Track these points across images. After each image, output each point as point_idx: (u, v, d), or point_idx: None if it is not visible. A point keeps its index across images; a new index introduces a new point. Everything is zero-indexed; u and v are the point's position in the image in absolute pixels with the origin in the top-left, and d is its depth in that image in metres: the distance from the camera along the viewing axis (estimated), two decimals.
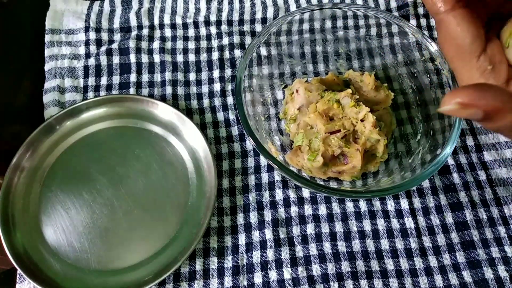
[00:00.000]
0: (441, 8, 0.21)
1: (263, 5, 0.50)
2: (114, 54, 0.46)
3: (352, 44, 0.44)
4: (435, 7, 0.21)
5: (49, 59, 0.46)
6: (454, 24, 0.21)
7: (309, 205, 0.39)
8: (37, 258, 0.36)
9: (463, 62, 0.21)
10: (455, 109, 0.18)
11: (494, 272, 0.37)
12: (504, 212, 0.39)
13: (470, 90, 0.18)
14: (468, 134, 0.43)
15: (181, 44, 0.48)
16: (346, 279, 0.36)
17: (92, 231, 0.37)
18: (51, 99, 0.44)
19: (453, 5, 0.21)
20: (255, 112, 0.39)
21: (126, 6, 0.50)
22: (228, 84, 0.45)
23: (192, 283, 0.36)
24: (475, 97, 0.18)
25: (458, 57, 0.22)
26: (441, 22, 0.22)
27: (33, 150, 0.40)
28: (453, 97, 0.18)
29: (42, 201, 0.39)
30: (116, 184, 0.40)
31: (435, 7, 0.21)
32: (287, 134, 0.42)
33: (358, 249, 0.37)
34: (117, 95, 0.44)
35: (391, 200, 0.40)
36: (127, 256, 0.37)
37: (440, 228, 0.38)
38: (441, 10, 0.21)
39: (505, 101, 0.17)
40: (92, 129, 0.42)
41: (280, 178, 0.40)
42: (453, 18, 0.21)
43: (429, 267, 0.37)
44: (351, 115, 0.38)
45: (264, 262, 0.37)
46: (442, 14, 0.21)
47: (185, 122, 0.42)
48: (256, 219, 0.39)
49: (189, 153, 0.41)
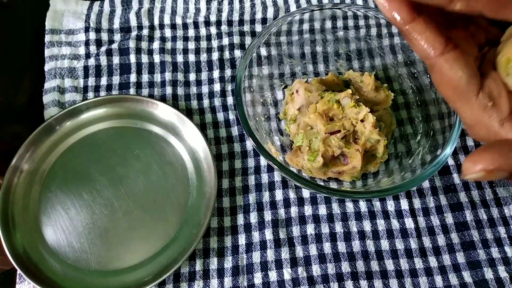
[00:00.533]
0: (431, 53, 0.21)
1: (263, 5, 0.50)
2: (114, 55, 0.46)
3: (352, 45, 0.44)
4: (425, 52, 0.21)
5: (49, 59, 0.46)
6: (447, 68, 0.20)
7: (309, 205, 0.39)
8: (37, 259, 0.36)
9: (463, 103, 0.21)
10: (480, 176, 0.18)
11: (494, 272, 0.37)
12: (504, 213, 0.39)
13: (491, 154, 0.18)
14: (468, 135, 0.43)
15: (181, 45, 0.48)
16: (346, 280, 0.36)
17: (92, 232, 0.37)
18: (51, 99, 0.44)
19: (443, 50, 0.20)
20: (255, 113, 0.39)
21: (126, 7, 0.50)
22: (228, 85, 0.45)
23: (192, 283, 0.36)
24: (498, 162, 0.17)
25: (457, 98, 0.21)
26: (433, 66, 0.21)
27: (33, 151, 0.40)
28: (475, 163, 0.18)
29: (42, 202, 0.39)
30: (116, 184, 0.40)
31: (425, 53, 0.21)
32: (287, 135, 0.42)
33: (358, 250, 0.37)
34: (117, 95, 0.44)
35: (391, 200, 0.39)
36: (127, 257, 0.37)
37: (440, 229, 0.38)
38: (431, 55, 0.21)
39: None
40: (92, 129, 0.42)
41: (280, 178, 0.40)
42: (445, 62, 0.20)
43: (429, 268, 0.37)
44: (351, 115, 0.38)
45: (264, 262, 0.37)
46: (433, 59, 0.21)
47: (185, 122, 0.42)
48: (256, 220, 0.39)
49: (189, 154, 0.41)
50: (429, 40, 0.20)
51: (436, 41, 0.20)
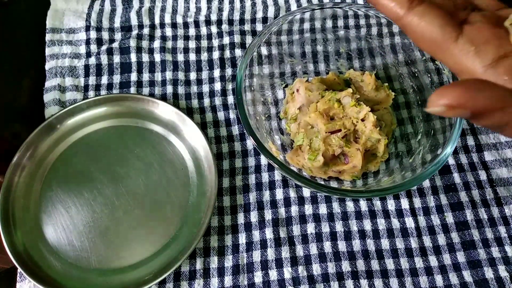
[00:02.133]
0: (399, 12, 0.21)
1: (264, 4, 0.50)
2: (114, 53, 0.46)
3: (353, 44, 0.44)
4: (393, 13, 0.21)
5: (49, 58, 0.46)
6: (417, 22, 0.21)
7: (309, 204, 0.39)
8: (37, 257, 0.36)
9: (443, 52, 0.21)
10: (441, 111, 0.18)
11: (494, 272, 0.37)
12: (504, 212, 0.39)
13: (457, 90, 0.17)
14: (468, 134, 0.43)
15: (182, 44, 0.48)
16: (346, 279, 0.36)
17: (93, 230, 0.38)
18: (51, 98, 0.44)
19: (408, 5, 0.21)
20: (256, 112, 0.39)
21: (127, 5, 0.50)
22: (228, 84, 0.45)
23: (193, 282, 0.36)
24: (461, 98, 0.17)
25: (437, 50, 0.21)
26: (405, 26, 0.21)
27: (33, 149, 0.41)
28: (439, 97, 0.17)
29: (42, 200, 0.39)
30: (116, 183, 0.40)
31: (393, 13, 0.21)
32: (287, 134, 0.42)
33: (358, 249, 0.37)
34: (117, 94, 0.44)
35: (392, 199, 0.39)
36: (128, 255, 0.37)
37: (440, 228, 0.38)
38: (400, 14, 0.21)
39: (492, 101, 0.17)
40: (93, 128, 0.42)
41: (281, 177, 0.40)
42: (414, 17, 0.21)
43: (429, 267, 0.37)
44: (351, 114, 0.38)
45: (264, 261, 0.37)
46: (403, 18, 0.21)
47: (186, 121, 0.42)
48: (256, 219, 0.39)
49: (190, 153, 0.41)
50: (394, 1, 0.21)
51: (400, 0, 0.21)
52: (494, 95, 0.17)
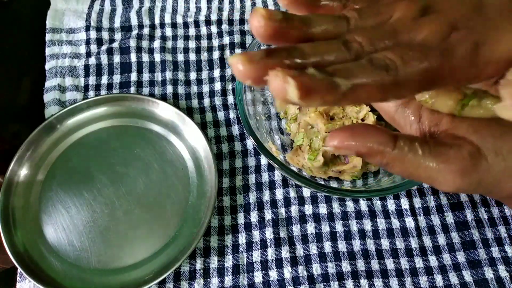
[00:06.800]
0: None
1: (264, 4, 0.50)
2: (114, 53, 0.46)
3: None
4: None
5: (49, 58, 0.46)
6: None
7: (309, 204, 0.39)
8: (37, 257, 0.36)
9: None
10: (332, 150, 0.20)
11: (494, 272, 0.36)
12: (504, 212, 0.39)
13: (345, 134, 0.20)
14: None
15: (182, 43, 0.48)
16: (346, 279, 0.36)
17: (93, 230, 0.38)
18: (51, 98, 0.44)
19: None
20: (256, 112, 0.39)
21: (127, 5, 0.50)
22: (228, 84, 0.45)
23: (193, 282, 0.36)
24: (346, 142, 0.19)
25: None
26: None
27: (33, 149, 0.40)
28: (331, 138, 0.20)
29: (42, 200, 0.39)
30: (116, 183, 0.40)
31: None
32: (287, 134, 0.42)
33: (358, 249, 0.37)
34: (117, 94, 0.44)
35: (392, 199, 0.39)
36: (128, 255, 0.37)
37: (440, 228, 0.38)
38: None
39: (372, 146, 0.19)
40: (93, 128, 0.42)
41: (281, 177, 0.40)
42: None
43: (429, 267, 0.37)
44: (351, 114, 0.38)
45: (264, 261, 0.37)
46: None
47: (186, 121, 0.42)
48: (256, 219, 0.39)
49: (190, 153, 0.41)
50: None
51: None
52: (375, 141, 0.19)
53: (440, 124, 0.21)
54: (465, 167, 0.19)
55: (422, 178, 0.20)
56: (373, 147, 0.19)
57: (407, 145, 0.19)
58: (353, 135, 0.20)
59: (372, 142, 0.19)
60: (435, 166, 0.19)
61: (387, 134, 0.20)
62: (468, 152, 0.19)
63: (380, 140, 0.19)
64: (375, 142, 0.19)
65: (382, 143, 0.19)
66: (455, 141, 0.20)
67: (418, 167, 0.19)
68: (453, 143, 0.20)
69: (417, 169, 0.20)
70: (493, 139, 0.20)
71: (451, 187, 0.20)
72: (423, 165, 0.19)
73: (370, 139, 0.20)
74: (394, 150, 0.19)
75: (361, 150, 0.20)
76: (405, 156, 0.19)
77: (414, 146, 0.19)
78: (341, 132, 0.20)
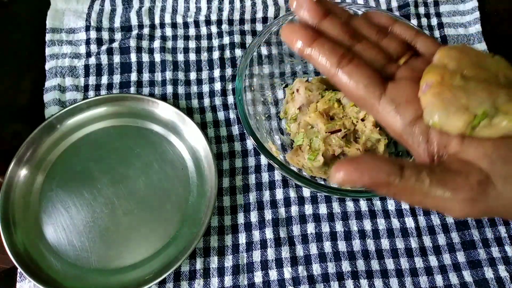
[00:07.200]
0: (330, 70, 0.23)
1: (264, 4, 0.50)
2: (114, 53, 0.46)
3: None
4: (326, 71, 0.23)
5: (49, 58, 0.46)
6: (346, 81, 0.22)
7: (309, 204, 0.39)
8: (37, 257, 0.36)
9: (370, 109, 0.23)
10: (338, 183, 0.20)
11: (494, 272, 0.36)
12: None
13: (350, 168, 0.19)
14: None
15: (182, 43, 0.48)
16: (346, 279, 0.36)
17: (93, 230, 0.38)
18: (51, 98, 0.44)
19: (337, 64, 0.22)
20: (256, 112, 0.39)
21: (127, 5, 0.50)
22: (228, 84, 0.45)
23: (193, 282, 0.36)
24: (352, 175, 0.19)
25: (364, 106, 0.23)
26: (337, 83, 0.23)
27: (33, 149, 0.40)
28: (335, 172, 0.19)
29: (42, 200, 0.39)
30: (116, 183, 0.40)
31: (326, 71, 0.23)
32: (287, 134, 0.42)
33: (358, 249, 0.37)
34: (117, 94, 0.44)
35: (392, 199, 0.39)
36: (128, 255, 0.37)
37: (440, 228, 0.38)
38: (332, 72, 0.23)
39: (378, 178, 0.19)
40: (93, 128, 0.42)
41: (281, 177, 0.40)
42: (343, 76, 0.22)
43: (429, 267, 0.37)
44: (351, 114, 0.38)
45: (264, 261, 0.37)
46: (334, 76, 0.23)
47: (186, 121, 0.42)
48: (256, 219, 0.39)
49: (190, 153, 0.41)
50: (325, 59, 0.22)
51: (330, 58, 0.22)
52: (380, 173, 0.19)
53: (449, 146, 0.21)
54: (473, 196, 0.19)
55: (430, 206, 0.20)
56: (380, 180, 0.19)
57: (415, 175, 0.19)
58: (358, 168, 0.19)
59: (379, 174, 0.19)
60: (443, 195, 0.19)
61: (393, 164, 0.19)
62: (477, 180, 0.19)
63: (386, 171, 0.19)
64: (381, 174, 0.19)
65: (389, 174, 0.19)
66: (463, 168, 0.20)
67: (426, 197, 0.19)
68: (461, 170, 0.20)
69: (425, 198, 0.19)
70: (502, 164, 0.20)
71: (460, 215, 0.20)
72: (431, 194, 0.19)
73: (376, 171, 0.19)
74: (401, 181, 0.19)
75: (367, 183, 0.19)
76: (413, 186, 0.19)
77: (421, 176, 0.19)
78: (346, 165, 0.19)
